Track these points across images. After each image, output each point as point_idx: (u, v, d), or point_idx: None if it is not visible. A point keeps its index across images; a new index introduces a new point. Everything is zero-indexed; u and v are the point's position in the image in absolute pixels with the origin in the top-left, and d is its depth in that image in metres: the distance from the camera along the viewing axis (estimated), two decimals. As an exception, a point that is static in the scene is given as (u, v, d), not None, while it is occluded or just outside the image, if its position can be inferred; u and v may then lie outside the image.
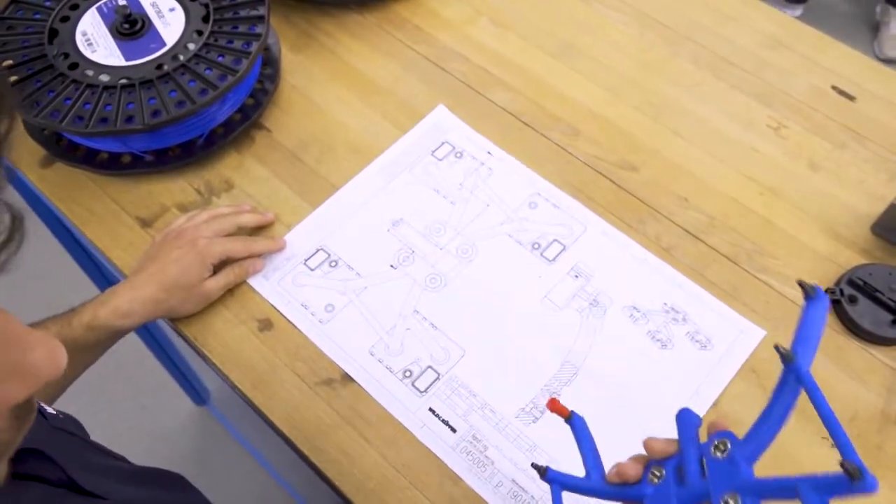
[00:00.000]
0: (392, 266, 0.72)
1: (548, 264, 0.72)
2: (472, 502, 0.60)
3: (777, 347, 0.39)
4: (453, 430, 0.63)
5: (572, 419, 0.50)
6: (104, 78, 0.72)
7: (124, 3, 0.77)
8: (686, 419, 0.45)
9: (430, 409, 0.64)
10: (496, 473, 0.61)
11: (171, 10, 0.77)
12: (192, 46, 0.75)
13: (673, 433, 0.63)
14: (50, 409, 0.46)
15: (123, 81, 0.72)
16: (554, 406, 0.50)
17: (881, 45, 2.07)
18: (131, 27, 0.75)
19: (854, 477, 0.31)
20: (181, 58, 0.73)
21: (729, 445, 0.40)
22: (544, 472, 0.49)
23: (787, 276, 0.70)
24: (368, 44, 0.87)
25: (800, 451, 0.62)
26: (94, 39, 0.75)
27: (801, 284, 0.39)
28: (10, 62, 0.73)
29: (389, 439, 0.63)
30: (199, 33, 0.75)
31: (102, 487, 0.41)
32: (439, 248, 0.73)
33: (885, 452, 0.62)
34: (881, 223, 0.72)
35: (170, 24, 0.76)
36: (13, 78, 0.71)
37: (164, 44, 0.75)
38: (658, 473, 0.44)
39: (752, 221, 0.74)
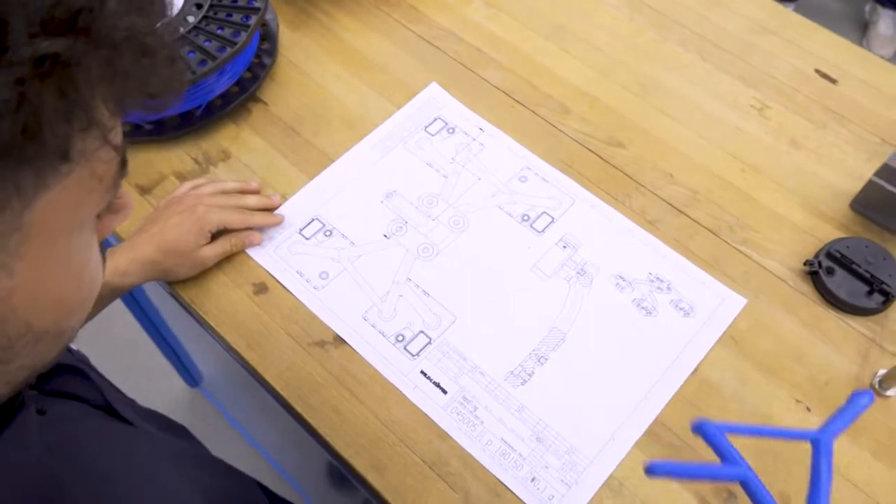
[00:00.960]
0: (385, 236, 0.73)
1: (537, 235, 0.74)
2: (461, 458, 0.62)
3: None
4: (444, 392, 0.65)
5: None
6: (105, 48, 0.74)
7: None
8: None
9: (422, 372, 0.66)
10: (486, 432, 0.63)
11: (172, -17, 0.79)
12: (191, 19, 0.76)
13: (653, 394, 0.65)
14: (72, 345, 0.48)
15: (124, 51, 0.73)
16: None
17: (870, 43, 2.10)
18: (132, -1, 0.76)
19: None
20: (181, 29, 0.75)
21: None
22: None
23: (768, 249, 0.73)
24: (365, 23, 0.89)
25: (779, 416, 0.64)
26: (96, 11, 0.77)
27: None
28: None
29: (380, 398, 0.64)
30: (199, 6, 0.77)
31: (131, 416, 0.42)
32: (432, 219, 0.75)
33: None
34: (860, 199, 0.74)
35: (170, -3, 0.78)
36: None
37: (164, 16, 0.76)
38: None
39: (735, 196, 0.76)
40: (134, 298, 1.24)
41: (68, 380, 0.40)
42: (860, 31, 2.17)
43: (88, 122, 0.25)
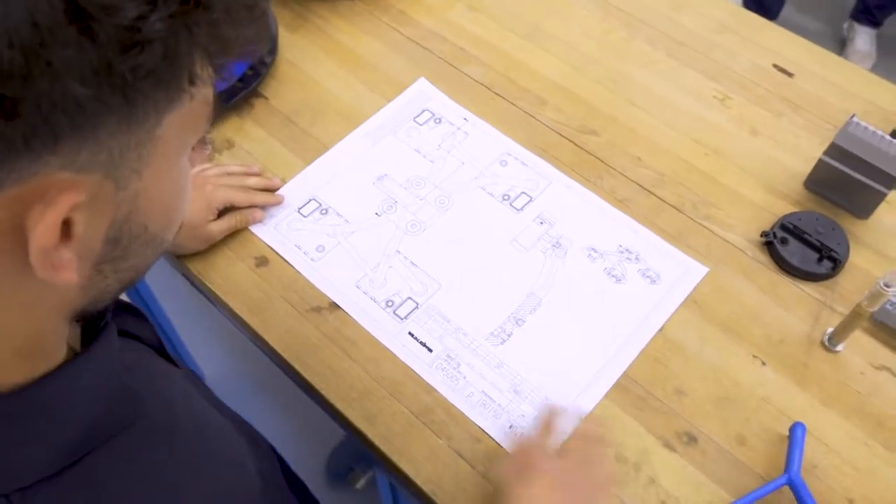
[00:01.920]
0: (377, 214, 0.80)
1: (516, 213, 0.80)
2: (445, 408, 0.67)
3: None
4: (430, 350, 0.71)
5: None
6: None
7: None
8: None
9: (410, 333, 0.72)
10: (468, 386, 0.69)
11: (181, -11, 0.86)
12: (199, 20, 0.83)
13: (621, 352, 0.72)
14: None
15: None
16: None
17: (848, 59, 2.18)
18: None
19: None
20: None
21: None
22: None
23: (729, 224, 0.79)
24: (358, 26, 0.96)
25: (736, 370, 0.70)
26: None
27: None
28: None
29: (371, 357, 0.70)
30: (206, 8, 0.84)
31: (175, 361, 0.48)
32: (419, 199, 0.81)
33: (810, 369, 0.70)
34: (812, 178, 0.81)
35: None
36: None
37: (174, 17, 0.83)
38: None
39: (699, 178, 0.82)
40: (139, 296, 1.30)
41: (126, 319, 0.46)
42: (839, 48, 2.26)
43: (207, 55, 0.30)
